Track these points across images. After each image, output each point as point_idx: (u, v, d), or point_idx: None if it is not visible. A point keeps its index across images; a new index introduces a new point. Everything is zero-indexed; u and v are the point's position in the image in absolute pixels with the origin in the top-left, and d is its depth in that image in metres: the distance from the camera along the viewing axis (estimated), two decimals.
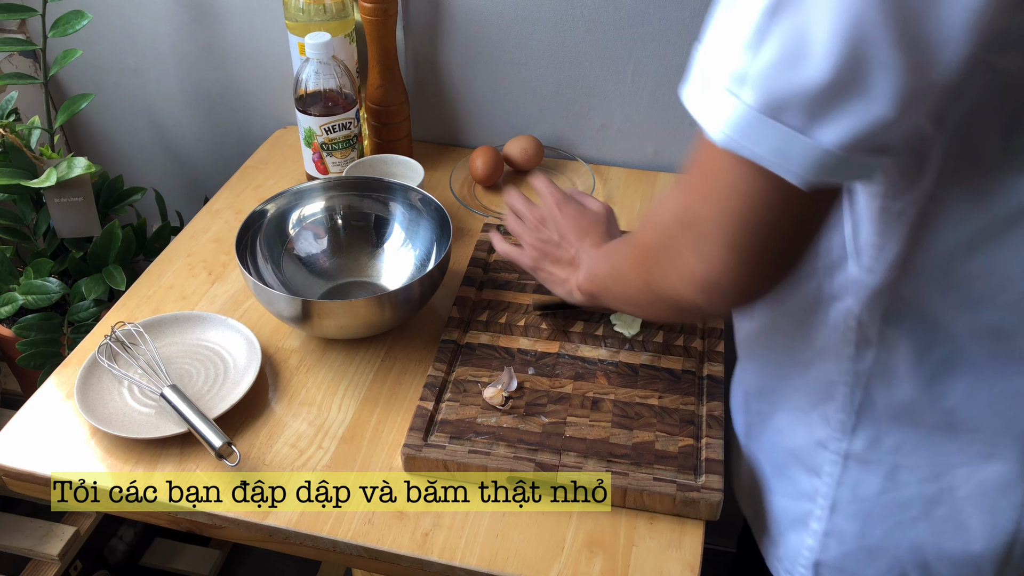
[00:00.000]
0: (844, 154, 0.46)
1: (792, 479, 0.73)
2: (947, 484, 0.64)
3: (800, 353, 0.68)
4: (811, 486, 0.71)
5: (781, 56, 0.45)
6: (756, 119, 0.46)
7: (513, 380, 0.85)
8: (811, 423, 0.69)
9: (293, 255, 0.99)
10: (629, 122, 1.20)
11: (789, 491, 0.74)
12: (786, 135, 0.46)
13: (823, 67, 0.43)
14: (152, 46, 1.31)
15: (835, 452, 0.68)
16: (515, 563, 0.73)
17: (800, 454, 0.71)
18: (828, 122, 0.45)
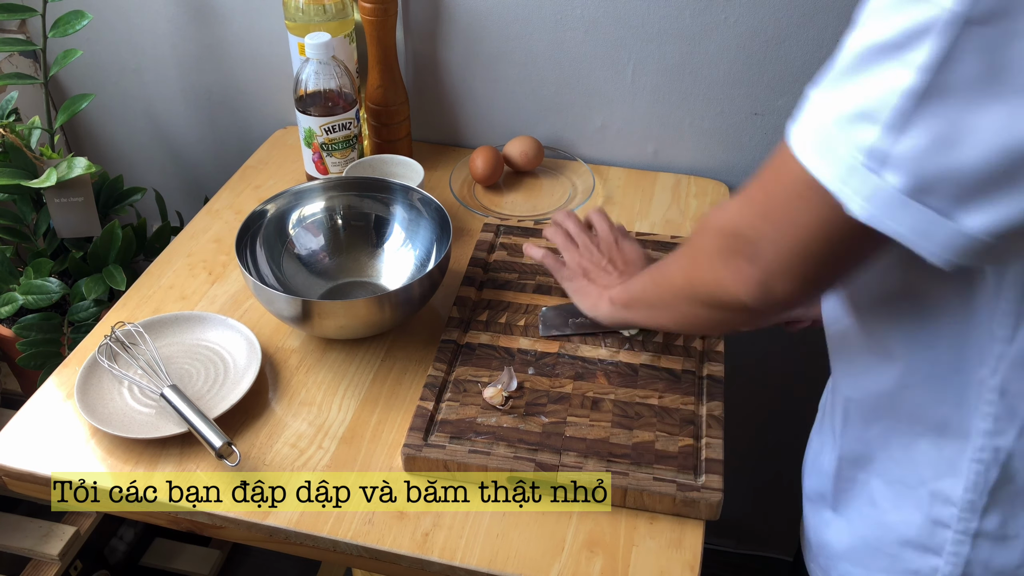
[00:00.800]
0: (991, 241, 0.46)
1: (894, 557, 0.69)
2: None
3: (916, 424, 0.64)
4: (927, 564, 0.66)
5: (932, 144, 0.45)
6: (901, 200, 0.46)
7: (513, 380, 0.85)
8: (920, 500, 0.65)
9: (293, 255, 0.99)
10: (629, 122, 1.20)
11: (891, 567, 0.69)
12: (930, 218, 0.46)
13: (978, 158, 0.44)
14: (152, 46, 1.31)
15: (961, 532, 0.64)
16: (515, 563, 0.73)
17: (908, 533, 0.67)
18: (976, 209, 0.45)
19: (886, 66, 0.46)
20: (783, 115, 1.14)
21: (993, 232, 0.46)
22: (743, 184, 1.32)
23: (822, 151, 0.49)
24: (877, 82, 0.46)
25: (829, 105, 0.49)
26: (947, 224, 0.46)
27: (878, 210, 0.47)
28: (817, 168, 0.49)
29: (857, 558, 0.73)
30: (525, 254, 0.97)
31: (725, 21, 1.08)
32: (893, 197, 0.46)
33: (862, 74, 0.47)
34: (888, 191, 0.46)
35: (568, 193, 1.17)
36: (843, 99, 0.48)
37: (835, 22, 1.05)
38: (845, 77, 0.48)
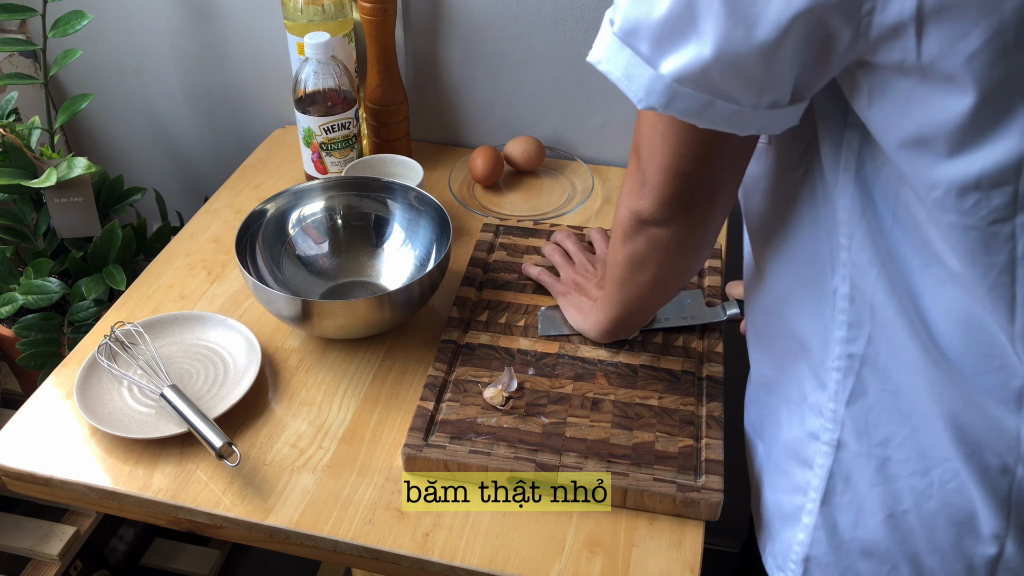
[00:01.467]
0: (677, 85, 0.53)
1: (787, 472, 0.73)
2: (937, 478, 0.63)
3: (797, 339, 0.68)
4: (803, 479, 0.70)
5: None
6: (617, 44, 0.55)
7: (513, 380, 0.85)
8: (804, 414, 0.69)
9: (293, 255, 0.99)
10: (629, 122, 1.20)
11: (784, 485, 0.73)
12: (634, 61, 0.55)
13: (665, 5, 0.51)
14: (152, 46, 1.31)
15: (827, 443, 0.67)
16: (515, 563, 0.73)
17: (794, 446, 0.71)
18: (667, 55, 0.53)
19: None
20: None
21: (677, 76, 0.53)
22: None
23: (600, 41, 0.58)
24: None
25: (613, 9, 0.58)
26: (646, 68, 0.54)
27: (601, 53, 0.57)
28: (597, 59, 0.58)
29: (768, 480, 0.76)
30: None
31: None
32: (612, 42, 0.55)
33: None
34: (610, 37, 0.56)
35: (568, 193, 1.17)
36: None
37: None
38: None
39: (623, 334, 0.89)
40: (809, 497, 0.70)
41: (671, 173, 0.62)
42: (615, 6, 0.56)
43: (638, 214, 0.67)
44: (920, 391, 0.61)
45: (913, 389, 0.61)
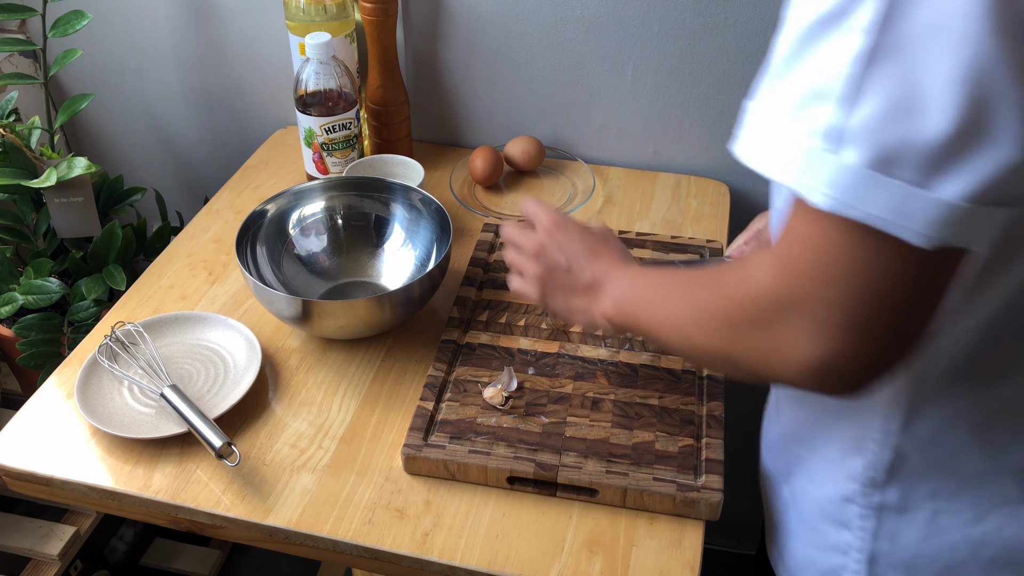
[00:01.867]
0: (970, 207, 0.42)
1: (819, 531, 0.70)
2: (993, 524, 0.62)
3: (836, 403, 0.65)
4: (841, 539, 0.68)
5: (889, 107, 0.41)
6: (866, 177, 0.42)
7: (513, 380, 0.85)
8: (838, 476, 0.67)
9: (293, 255, 0.99)
10: (629, 122, 1.20)
11: (816, 542, 0.71)
12: (903, 192, 0.42)
13: (943, 116, 0.40)
14: (152, 46, 1.31)
15: (865, 507, 0.65)
16: (515, 563, 0.73)
17: (828, 507, 0.68)
18: (951, 173, 0.41)
19: (828, 38, 0.43)
20: None
21: (971, 196, 0.42)
22: (743, 184, 1.33)
23: (775, 150, 0.46)
24: (821, 58, 0.43)
25: (771, 103, 0.46)
26: (924, 195, 0.42)
27: (844, 193, 0.43)
28: (774, 168, 0.46)
29: (799, 534, 0.74)
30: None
31: (725, 21, 1.08)
32: (858, 175, 0.43)
33: (803, 58, 0.44)
34: (851, 169, 0.43)
35: (568, 193, 1.17)
36: (786, 91, 0.45)
37: None
38: (784, 68, 0.46)
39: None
40: (852, 558, 0.67)
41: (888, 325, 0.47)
42: (833, 131, 0.43)
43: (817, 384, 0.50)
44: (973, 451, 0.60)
45: (966, 451, 0.60)
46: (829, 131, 0.43)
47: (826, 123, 0.43)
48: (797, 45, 0.45)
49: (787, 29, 0.46)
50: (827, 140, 0.43)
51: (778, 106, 0.46)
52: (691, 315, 0.60)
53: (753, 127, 0.48)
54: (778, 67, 0.46)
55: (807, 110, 0.44)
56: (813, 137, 0.44)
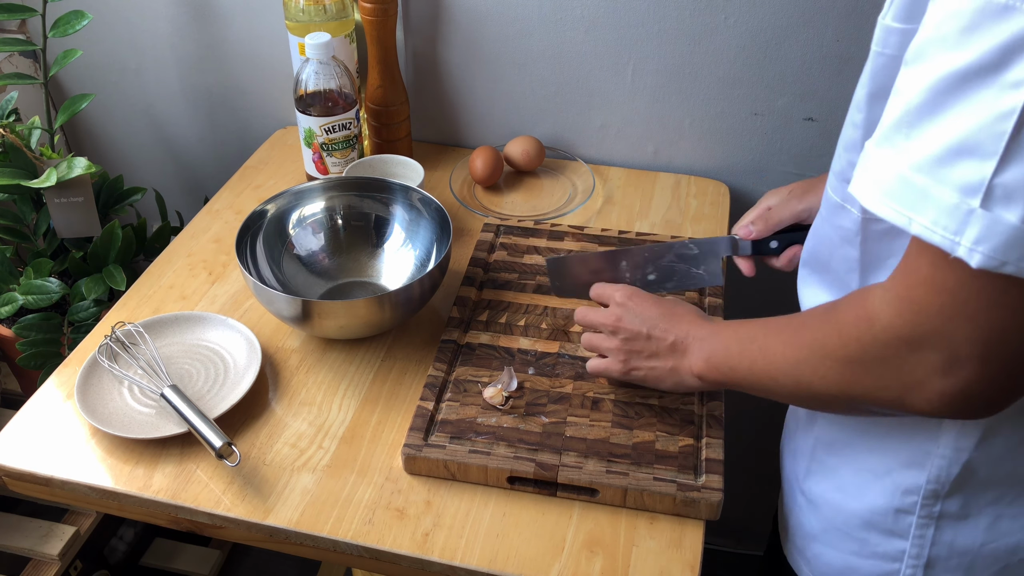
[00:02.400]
0: None
1: (863, 541, 0.70)
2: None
3: (889, 417, 0.65)
4: (894, 548, 0.68)
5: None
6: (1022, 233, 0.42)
7: (513, 380, 0.85)
8: (884, 489, 0.67)
9: (293, 255, 0.99)
10: (629, 122, 1.20)
11: (860, 551, 0.71)
12: None
13: None
14: (152, 46, 1.31)
15: (924, 517, 0.66)
16: (515, 563, 0.73)
17: (877, 519, 0.68)
18: None
19: (978, 93, 0.42)
20: (783, 115, 1.14)
21: None
22: (743, 184, 1.33)
23: (912, 203, 0.45)
24: (969, 113, 0.42)
25: (905, 153, 0.45)
26: None
27: (997, 251, 0.43)
28: (909, 222, 0.45)
29: (828, 540, 0.74)
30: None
31: (725, 21, 1.08)
32: (1015, 233, 0.42)
33: (945, 109, 0.43)
34: (1008, 227, 0.42)
35: (568, 193, 1.17)
36: (924, 142, 0.44)
37: (835, 22, 1.05)
38: (920, 118, 0.44)
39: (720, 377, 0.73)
40: (907, 564, 0.68)
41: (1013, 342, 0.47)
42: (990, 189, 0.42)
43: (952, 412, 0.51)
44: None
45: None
46: (977, 188, 0.42)
47: (975, 180, 0.42)
48: (937, 96, 0.44)
49: (921, 74, 0.44)
50: (974, 196, 0.43)
51: (912, 156, 0.45)
52: (801, 358, 0.60)
53: (878, 172, 0.47)
54: (911, 114, 0.45)
55: (951, 165, 0.43)
56: (959, 193, 0.43)
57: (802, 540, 0.79)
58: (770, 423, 1.42)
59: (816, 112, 1.13)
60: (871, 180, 0.47)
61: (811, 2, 1.04)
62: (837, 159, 0.63)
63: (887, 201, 0.46)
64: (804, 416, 0.77)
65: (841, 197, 0.63)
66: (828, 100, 1.12)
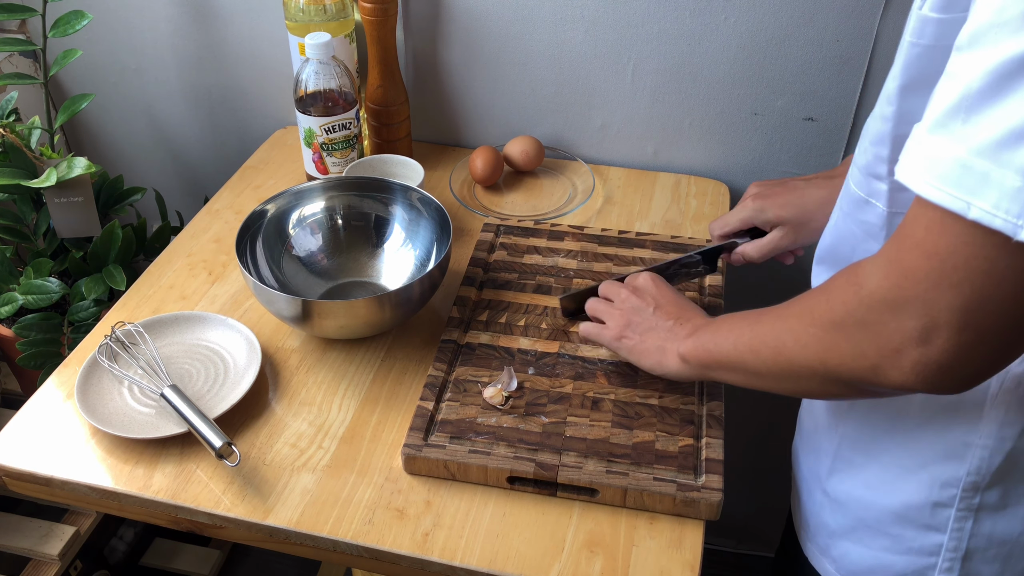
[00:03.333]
0: None
1: (895, 536, 0.70)
2: None
3: (927, 408, 0.65)
4: (931, 542, 0.68)
5: None
6: None
7: (513, 380, 0.85)
8: (921, 483, 0.67)
9: (293, 255, 0.99)
10: (629, 122, 1.20)
11: (891, 547, 0.71)
12: None
13: None
14: (152, 46, 1.31)
15: (963, 509, 0.66)
16: (515, 563, 0.73)
17: (911, 514, 0.68)
18: None
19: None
20: (783, 115, 1.14)
21: None
22: (743, 184, 1.33)
23: (971, 187, 0.44)
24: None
25: (964, 138, 0.45)
26: None
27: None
28: (967, 207, 0.44)
29: (857, 537, 0.74)
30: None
31: (725, 21, 1.08)
32: None
33: (1009, 94, 0.43)
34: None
35: (568, 193, 1.17)
36: (987, 126, 0.44)
37: (835, 22, 1.05)
38: (980, 103, 0.44)
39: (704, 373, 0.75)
40: (943, 557, 0.68)
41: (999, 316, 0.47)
42: None
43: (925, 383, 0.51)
44: None
45: None
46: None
47: None
48: (999, 80, 0.43)
49: (980, 59, 0.44)
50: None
51: (971, 140, 0.45)
52: (787, 327, 0.61)
53: (932, 158, 0.46)
54: (970, 99, 0.45)
55: (1014, 149, 0.43)
56: (1022, 176, 0.43)
57: (826, 539, 0.78)
58: (771, 423, 1.42)
59: (816, 112, 1.13)
60: (923, 166, 0.46)
61: (811, 2, 1.04)
62: (862, 154, 0.63)
63: (941, 186, 0.45)
64: (826, 414, 0.76)
65: (866, 192, 0.63)
66: (828, 100, 1.12)
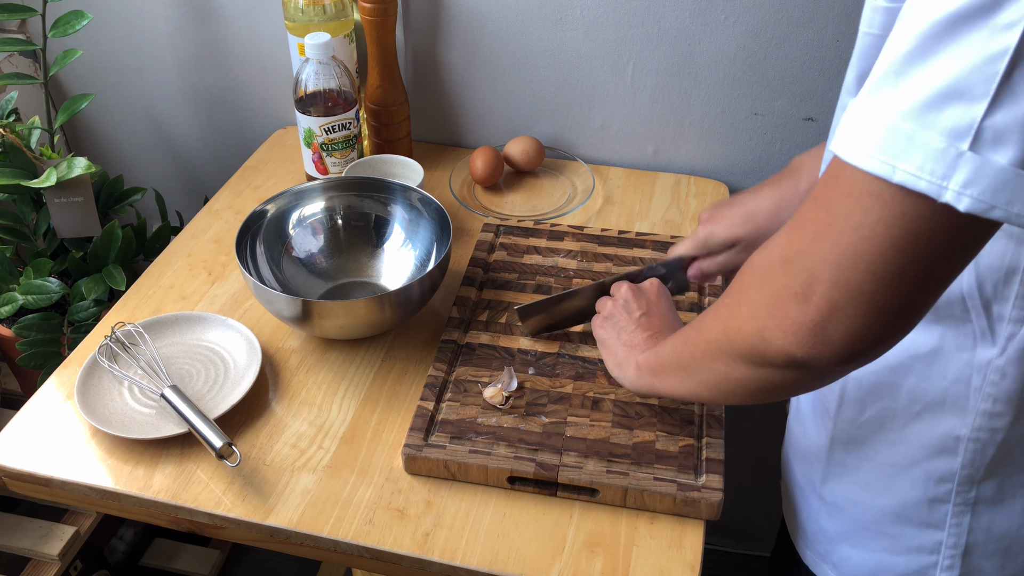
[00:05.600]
0: None
1: (893, 536, 0.70)
2: None
3: (914, 403, 0.65)
4: (931, 540, 0.68)
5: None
6: (1014, 177, 0.41)
7: (513, 380, 0.85)
8: (915, 480, 0.66)
9: (293, 255, 0.99)
10: (629, 122, 1.20)
11: (889, 546, 0.71)
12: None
13: None
14: (152, 46, 1.31)
15: (960, 504, 0.65)
16: (515, 563, 0.73)
17: (908, 512, 0.68)
18: None
19: (968, 37, 0.41)
20: (783, 115, 1.14)
21: None
22: (743, 184, 1.33)
23: (896, 150, 0.43)
24: (959, 56, 0.41)
25: (892, 101, 0.44)
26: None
27: (990, 195, 0.42)
28: (892, 170, 0.43)
29: (857, 541, 0.74)
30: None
31: (725, 21, 1.08)
32: (1007, 175, 0.41)
33: (934, 55, 0.42)
34: (999, 169, 0.41)
35: (568, 193, 1.17)
36: (912, 89, 0.43)
37: (835, 22, 1.05)
38: (909, 66, 0.43)
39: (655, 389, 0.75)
40: (944, 555, 0.68)
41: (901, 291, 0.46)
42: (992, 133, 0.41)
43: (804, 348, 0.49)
44: None
45: None
46: (967, 131, 0.42)
47: (964, 123, 0.41)
48: (925, 41, 0.43)
49: (910, 24, 0.44)
50: (963, 140, 0.42)
51: (899, 103, 0.44)
52: (711, 308, 0.61)
53: (861, 124, 0.45)
54: (899, 62, 0.44)
55: (939, 109, 0.42)
56: (947, 137, 0.42)
57: (825, 545, 0.78)
58: (770, 423, 1.42)
59: (816, 112, 1.13)
60: (853, 134, 0.46)
61: (811, 2, 1.04)
62: (828, 150, 0.63)
63: (870, 152, 0.44)
64: (814, 418, 0.76)
65: None
66: (828, 100, 1.12)
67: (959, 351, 0.61)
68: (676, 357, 0.68)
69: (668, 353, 0.70)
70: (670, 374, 0.69)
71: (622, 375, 0.78)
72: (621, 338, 0.80)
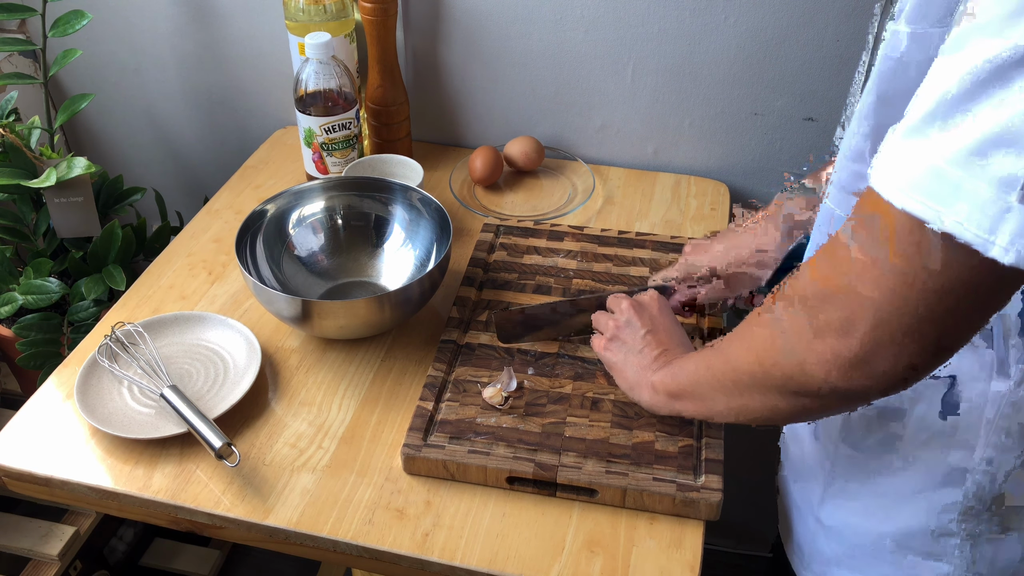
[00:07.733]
0: None
1: (896, 564, 0.69)
2: None
3: (922, 431, 0.64)
4: (932, 570, 0.67)
5: None
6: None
7: (513, 380, 0.85)
8: (918, 509, 0.66)
9: (293, 255, 0.99)
10: (629, 122, 1.20)
11: (894, 573, 0.70)
12: None
13: None
14: (152, 46, 1.31)
15: (964, 536, 0.65)
16: (515, 563, 0.73)
17: (907, 541, 0.68)
18: None
19: (1019, 82, 0.40)
20: (783, 115, 1.14)
21: None
22: (742, 184, 1.33)
23: (943, 197, 0.42)
24: (1010, 103, 0.40)
25: (940, 144, 0.43)
26: None
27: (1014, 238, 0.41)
28: (938, 216, 0.42)
29: (855, 565, 0.73)
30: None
31: (725, 21, 1.08)
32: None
33: (983, 100, 0.41)
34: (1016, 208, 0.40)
35: (568, 193, 1.17)
36: (961, 134, 0.42)
37: (835, 22, 1.05)
38: (959, 108, 0.42)
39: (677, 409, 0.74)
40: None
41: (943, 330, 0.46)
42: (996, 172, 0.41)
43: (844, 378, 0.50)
44: None
45: None
46: (1016, 182, 0.40)
47: (1014, 173, 0.40)
48: (977, 85, 0.42)
49: (958, 63, 0.43)
50: (1012, 192, 0.41)
51: (947, 147, 0.43)
52: (737, 334, 0.62)
53: (905, 164, 0.44)
54: (947, 104, 0.43)
55: (988, 157, 0.41)
56: (996, 187, 0.41)
57: (822, 566, 0.77)
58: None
59: (816, 112, 1.13)
60: (896, 173, 0.45)
61: (811, 2, 1.04)
62: (841, 171, 0.62)
63: (914, 195, 0.43)
64: (813, 440, 0.75)
65: (845, 210, 0.61)
66: (828, 100, 1.12)
67: (973, 381, 0.60)
68: (698, 384, 0.68)
69: (689, 379, 0.70)
70: (691, 399, 0.70)
71: (637, 397, 0.78)
72: (630, 360, 0.79)
